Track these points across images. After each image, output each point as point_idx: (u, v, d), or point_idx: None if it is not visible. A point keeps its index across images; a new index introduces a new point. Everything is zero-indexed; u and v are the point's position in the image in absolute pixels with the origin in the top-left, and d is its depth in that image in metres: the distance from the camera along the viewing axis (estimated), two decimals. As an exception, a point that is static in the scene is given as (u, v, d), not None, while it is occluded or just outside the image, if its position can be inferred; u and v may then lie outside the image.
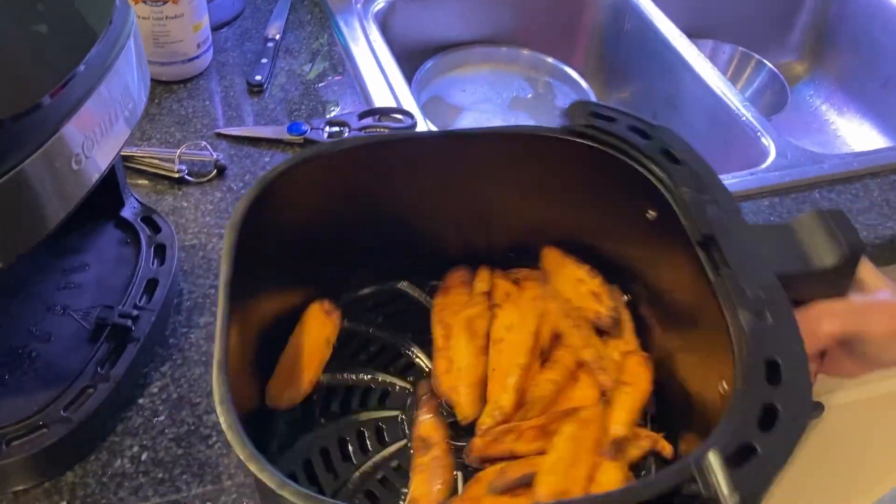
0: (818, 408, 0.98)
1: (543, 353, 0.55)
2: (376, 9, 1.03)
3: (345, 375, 0.55)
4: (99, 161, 0.50)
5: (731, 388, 0.40)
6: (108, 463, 0.58)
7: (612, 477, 0.48)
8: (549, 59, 1.11)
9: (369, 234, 0.57)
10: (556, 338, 0.56)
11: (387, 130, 0.85)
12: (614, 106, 0.53)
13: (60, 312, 0.62)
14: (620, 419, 0.51)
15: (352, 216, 0.55)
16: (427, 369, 0.57)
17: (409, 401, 0.55)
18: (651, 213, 0.51)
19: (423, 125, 0.86)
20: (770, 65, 1.17)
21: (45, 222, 0.46)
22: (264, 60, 0.93)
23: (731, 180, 0.84)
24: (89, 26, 0.48)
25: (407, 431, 0.53)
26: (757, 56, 1.18)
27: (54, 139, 0.45)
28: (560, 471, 0.48)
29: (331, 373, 0.55)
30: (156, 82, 0.89)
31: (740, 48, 1.20)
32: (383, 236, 0.57)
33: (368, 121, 0.86)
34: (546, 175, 0.56)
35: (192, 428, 0.60)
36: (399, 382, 0.56)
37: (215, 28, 0.97)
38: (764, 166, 0.86)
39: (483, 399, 0.52)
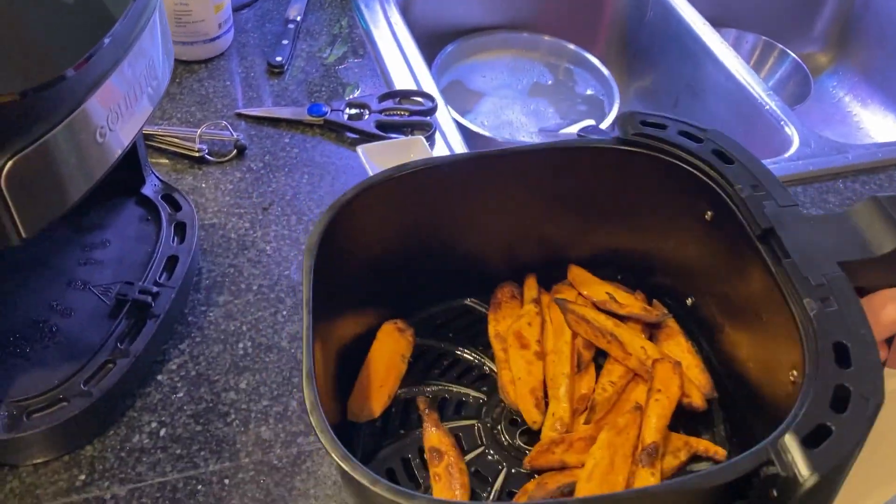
0: None
1: (583, 361, 0.57)
2: (398, -8, 1.03)
3: (421, 388, 0.58)
4: (122, 136, 0.50)
5: (801, 375, 0.41)
6: (127, 438, 0.58)
7: (646, 483, 0.48)
8: (571, 46, 1.10)
9: (433, 254, 0.59)
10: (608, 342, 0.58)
11: (407, 114, 0.84)
12: (659, 114, 0.55)
13: (81, 288, 0.62)
14: (651, 425, 0.52)
15: (416, 238, 0.58)
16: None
17: (483, 409, 0.57)
18: (709, 214, 0.52)
19: (443, 109, 0.86)
20: (793, 55, 1.16)
21: (68, 195, 0.46)
22: (285, 42, 0.93)
23: (754, 169, 0.83)
24: (115, 1, 0.48)
25: (483, 439, 0.55)
26: (780, 46, 1.17)
27: (79, 111, 0.45)
28: (597, 478, 0.48)
29: (407, 387, 0.58)
30: (177, 62, 0.89)
31: (763, 38, 1.19)
32: (446, 255, 0.59)
33: (388, 103, 0.85)
34: (602, 186, 0.57)
35: (211, 405, 0.60)
36: (472, 393, 0.58)
37: (236, 9, 0.96)
38: (787, 155, 0.85)
39: (546, 401, 0.56)
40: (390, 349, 0.58)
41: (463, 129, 0.89)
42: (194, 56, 0.89)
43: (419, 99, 0.86)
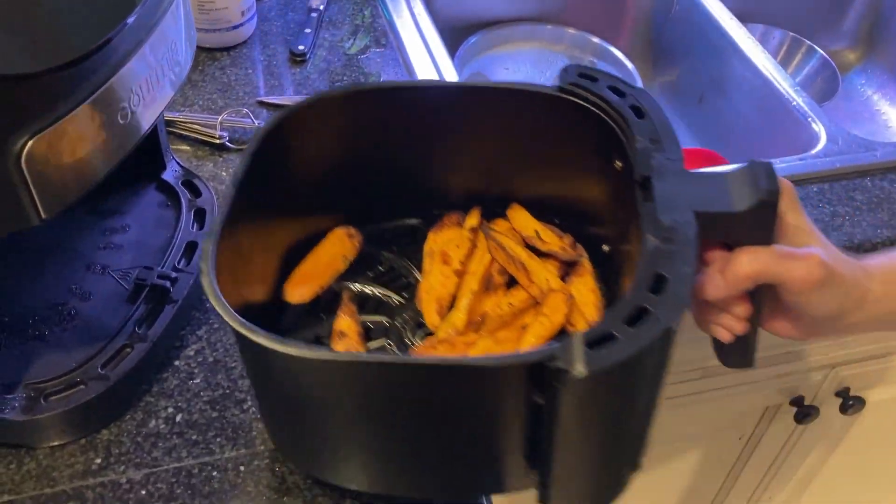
0: (858, 402, 0.96)
1: (493, 283, 0.62)
2: (421, -18, 1.02)
3: (351, 284, 0.64)
4: (143, 119, 0.50)
5: None
6: (143, 422, 0.58)
7: None
8: (595, 39, 1.09)
9: (383, 172, 0.63)
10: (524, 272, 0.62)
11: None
12: (597, 69, 0.58)
13: (100, 272, 0.62)
14: (528, 342, 0.55)
15: (365, 155, 0.62)
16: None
17: (399, 311, 0.63)
18: (618, 164, 0.55)
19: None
20: (821, 51, 1.14)
21: (88, 176, 0.46)
22: (307, 31, 0.92)
23: (779, 165, 0.81)
24: (138, -18, 0.48)
25: (389, 334, 0.61)
26: (808, 42, 1.15)
27: (101, 92, 0.44)
28: None
29: (340, 282, 0.63)
30: (199, 49, 0.89)
31: (791, 33, 1.17)
32: (397, 176, 0.64)
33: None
34: (536, 130, 0.60)
35: (227, 392, 0.60)
36: (394, 296, 0.63)
37: (259, -3, 0.96)
38: (814, 152, 0.83)
39: (447, 312, 0.61)
40: (334, 248, 0.64)
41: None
42: (217, 43, 0.89)
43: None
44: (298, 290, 0.61)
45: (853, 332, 0.53)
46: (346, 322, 0.59)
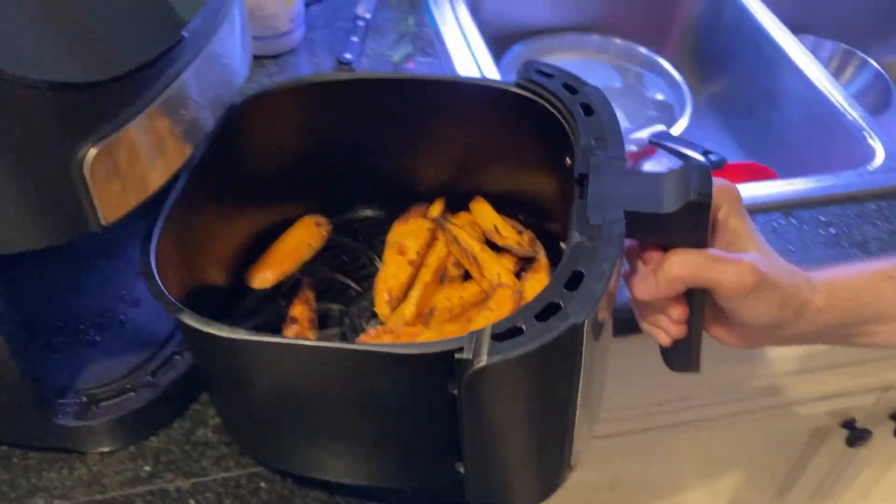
0: (865, 434, 0.92)
1: (447, 276, 0.64)
2: (468, -9, 1.02)
3: (314, 271, 0.65)
4: (202, 126, 0.50)
5: None
6: (192, 431, 0.58)
7: None
8: (642, 50, 1.08)
9: (350, 163, 0.65)
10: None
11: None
12: (553, 65, 0.58)
13: (151, 278, 0.62)
14: None
15: (330, 146, 0.63)
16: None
17: (356, 300, 0.64)
18: (568, 161, 0.55)
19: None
20: (875, 64, 1.11)
21: (148, 184, 0.46)
22: (354, 39, 0.92)
23: (833, 181, 0.80)
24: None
25: (343, 322, 0.62)
26: (860, 54, 1.13)
27: (163, 99, 0.44)
28: None
29: (303, 269, 0.65)
30: (247, 56, 0.89)
31: (843, 45, 1.15)
32: (365, 167, 0.66)
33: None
34: (496, 124, 0.61)
35: (275, 401, 0.59)
36: (354, 285, 0.65)
37: (306, 5, 0.96)
38: (871, 168, 0.81)
39: (399, 302, 0.62)
40: (300, 236, 0.65)
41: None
42: (265, 51, 0.89)
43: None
44: (261, 276, 0.63)
45: (794, 342, 0.52)
46: (299, 309, 0.60)
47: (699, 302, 0.49)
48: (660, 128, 0.98)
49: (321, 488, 0.55)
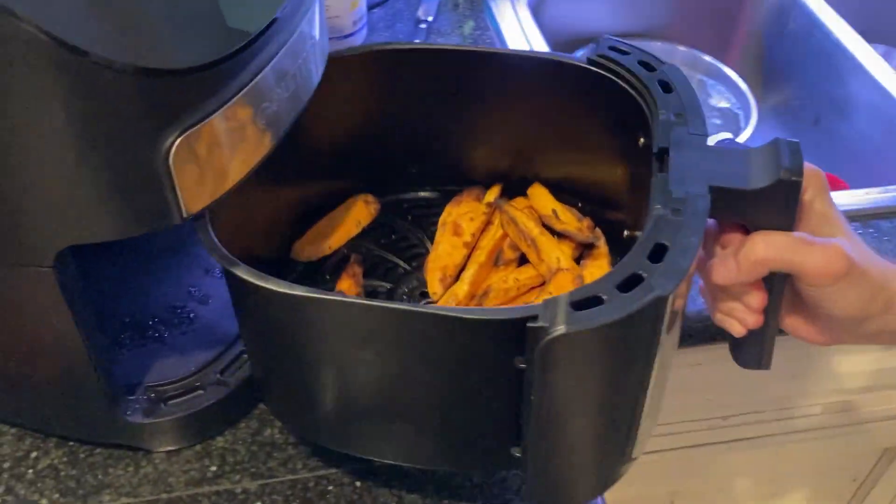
0: None
1: (503, 258, 0.62)
2: (530, -5, 1.01)
3: (361, 248, 0.64)
4: (280, 122, 0.49)
5: None
6: (258, 431, 0.57)
7: None
8: (706, 58, 1.06)
9: (405, 141, 0.64)
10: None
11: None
12: (630, 44, 0.56)
13: (219, 276, 0.62)
14: None
15: (386, 122, 0.63)
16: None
17: (405, 279, 0.63)
18: (641, 140, 0.53)
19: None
20: (948, 74, 1.07)
21: (229, 176, 0.45)
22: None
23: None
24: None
25: (392, 299, 0.61)
26: (932, 64, 1.09)
27: (247, 90, 0.44)
28: None
29: (352, 245, 0.65)
30: (310, 58, 0.88)
31: (913, 54, 1.11)
32: (420, 147, 0.65)
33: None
34: (563, 102, 0.60)
35: (342, 404, 0.58)
36: (402, 264, 0.64)
37: (369, 8, 0.96)
38: (954, 179, 0.78)
39: (452, 282, 0.61)
40: (349, 213, 0.65)
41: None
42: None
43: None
44: (307, 249, 0.62)
45: (880, 340, 0.48)
46: (346, 283, 0.59)
47: (779, 289, 0.46)
48: (725, 136, 0.96)
49: (389, 492, 0.53)
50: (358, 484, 0.54)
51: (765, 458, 0.92)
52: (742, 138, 0.96)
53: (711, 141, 0.95)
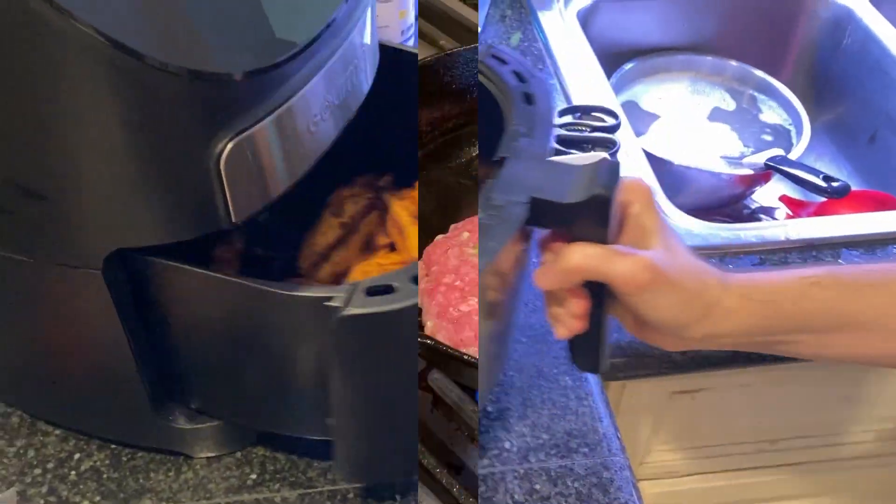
0: None
1: (376, 244, 0.65)
2: (579, 7, 1.00)
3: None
4: (328, 131, 0.49)
5: None
6: (298, 440, 0.56)
7: None
8: (758, 73, 1.04)
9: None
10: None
11: (588, 130, 0.80)
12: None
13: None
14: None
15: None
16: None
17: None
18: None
19: (625, 126, 0.81)
20: None
21: (278, 182, 0.45)
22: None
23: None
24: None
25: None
26: None
27: (298, 97, 0.43)
28: None
29: None
30: (357, 67, 0.88)
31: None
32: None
33: (568, 118, 0.81)
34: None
35: (383, 415, 0.57)
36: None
37: (415, 18, 0.96)
38: None
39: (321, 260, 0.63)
40: None
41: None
42: (374, 62, 0.89)
43: (601, 115, 0.82)
44: None
45: (711, 345, 0.50)
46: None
47: (601, 298, 0.48)
48: (777, 152, 0.93)
49: (430, 508, 0.53)
50: (398, 497, 0.53)
51: (813, 485, 0.89)
52: (794, 155, 0.94)
53: (763, 157, 0.94)
